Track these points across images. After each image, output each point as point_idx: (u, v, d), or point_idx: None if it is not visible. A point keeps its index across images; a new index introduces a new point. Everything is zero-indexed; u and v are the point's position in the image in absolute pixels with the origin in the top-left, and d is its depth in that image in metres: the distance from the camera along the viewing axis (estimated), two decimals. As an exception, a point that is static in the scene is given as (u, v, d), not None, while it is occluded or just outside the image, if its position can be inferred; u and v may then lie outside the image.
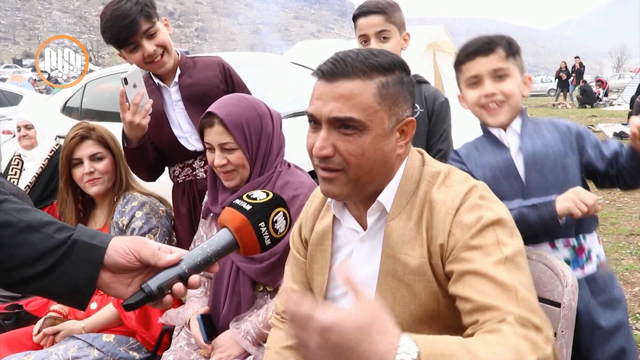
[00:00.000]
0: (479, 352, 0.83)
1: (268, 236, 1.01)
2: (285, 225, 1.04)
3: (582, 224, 1.66)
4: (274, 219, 1.02)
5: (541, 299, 1.32)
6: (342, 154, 1.12)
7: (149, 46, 2.05)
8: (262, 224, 1.00)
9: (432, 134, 2.18)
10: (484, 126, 1.73)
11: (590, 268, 1.66)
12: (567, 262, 1.65)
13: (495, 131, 1.71)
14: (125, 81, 1.92)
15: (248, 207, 1.00)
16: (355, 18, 2.15)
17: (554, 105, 21.10)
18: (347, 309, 0.75)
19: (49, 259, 0.89)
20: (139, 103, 1.97)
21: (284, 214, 1.04)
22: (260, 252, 1.01)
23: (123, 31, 2.00)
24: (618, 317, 1.65)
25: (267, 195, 1.04)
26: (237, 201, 1.02)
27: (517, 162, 1.68)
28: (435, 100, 2.16)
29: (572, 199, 1.52)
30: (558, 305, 1.29)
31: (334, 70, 1.12)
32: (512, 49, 1.67)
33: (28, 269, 0.89)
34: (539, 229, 1.59)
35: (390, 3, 2.12)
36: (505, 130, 1.70)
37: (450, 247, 1.09)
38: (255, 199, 1.02)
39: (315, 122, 1.15)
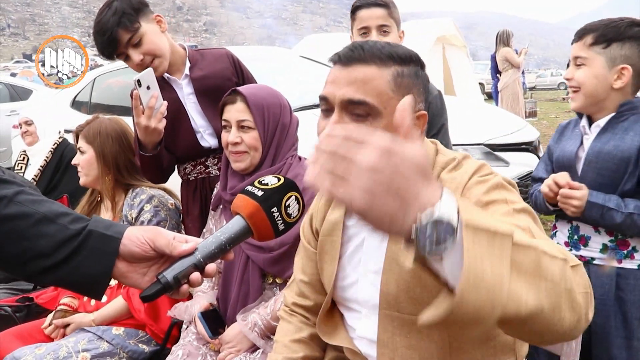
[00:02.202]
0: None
1: (281, 221, 1.00)
2: (298, 210, 1.04)
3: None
4: (287, 204, 1.01)
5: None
6: None
7: (135, 55, 1.97)
8: (275, 209, 0.99)
9: (430, 127, 2.18)
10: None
11: (627, 264, 1.67)
12: (605, 247, 1.69)
13: (580, 123, 1.74)
14: (139, 83, 1.80)
15: (260, 193, 0.99)
16: (355, 10, 2.13)
17: (563, 99, 20.93)
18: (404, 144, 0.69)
19: (65, 249, 0.90)
20: (154, 106, 1.87)
21: (297, 198, 1.03)
22: (274, 237, 1.01)
23: (106, 47, 1.95)
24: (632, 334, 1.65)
25: (279, 180, 1.03)
26: (249, 187, 1.02)
27: (583, 156, 1.70)
28: (429, 93, 2.18)
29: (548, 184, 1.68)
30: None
31: (351, 55, 1.12)
32: (603, 38, 1.61)
33: (45, 260, 0.89)
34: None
35: None
36: (593, 123, 1.70)
37: None
38: (267, 184, 1.02)
39: (327, 106, 1.14)
